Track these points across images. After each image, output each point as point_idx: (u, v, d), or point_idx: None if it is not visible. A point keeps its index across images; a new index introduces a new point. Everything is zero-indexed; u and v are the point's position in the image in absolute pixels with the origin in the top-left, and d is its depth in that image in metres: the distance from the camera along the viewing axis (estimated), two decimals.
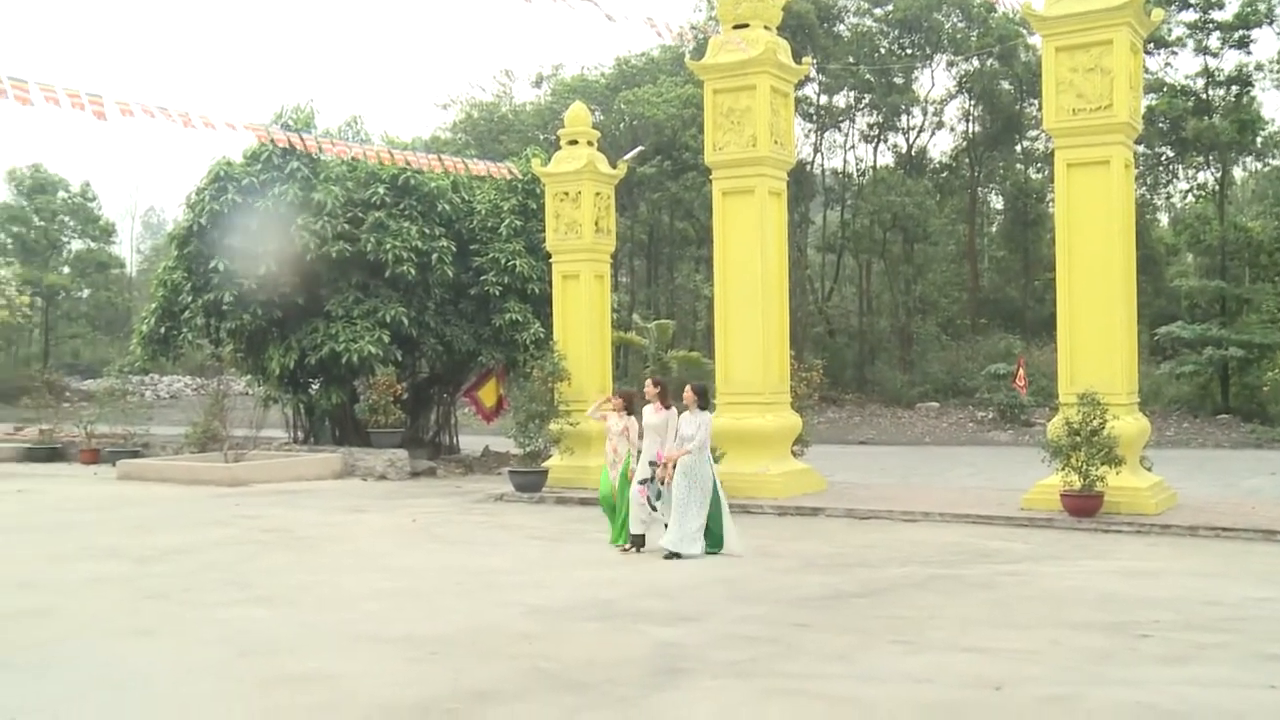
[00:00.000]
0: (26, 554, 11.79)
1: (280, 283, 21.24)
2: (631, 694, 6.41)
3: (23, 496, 17.58)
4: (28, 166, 60.14)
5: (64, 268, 60.69)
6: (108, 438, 24.66)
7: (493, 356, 22.51)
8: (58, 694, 6.54)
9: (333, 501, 16.56)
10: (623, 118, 40.17)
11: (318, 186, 21.43)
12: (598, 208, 18.41)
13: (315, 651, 7.46)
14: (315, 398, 22.71)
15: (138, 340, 24.47)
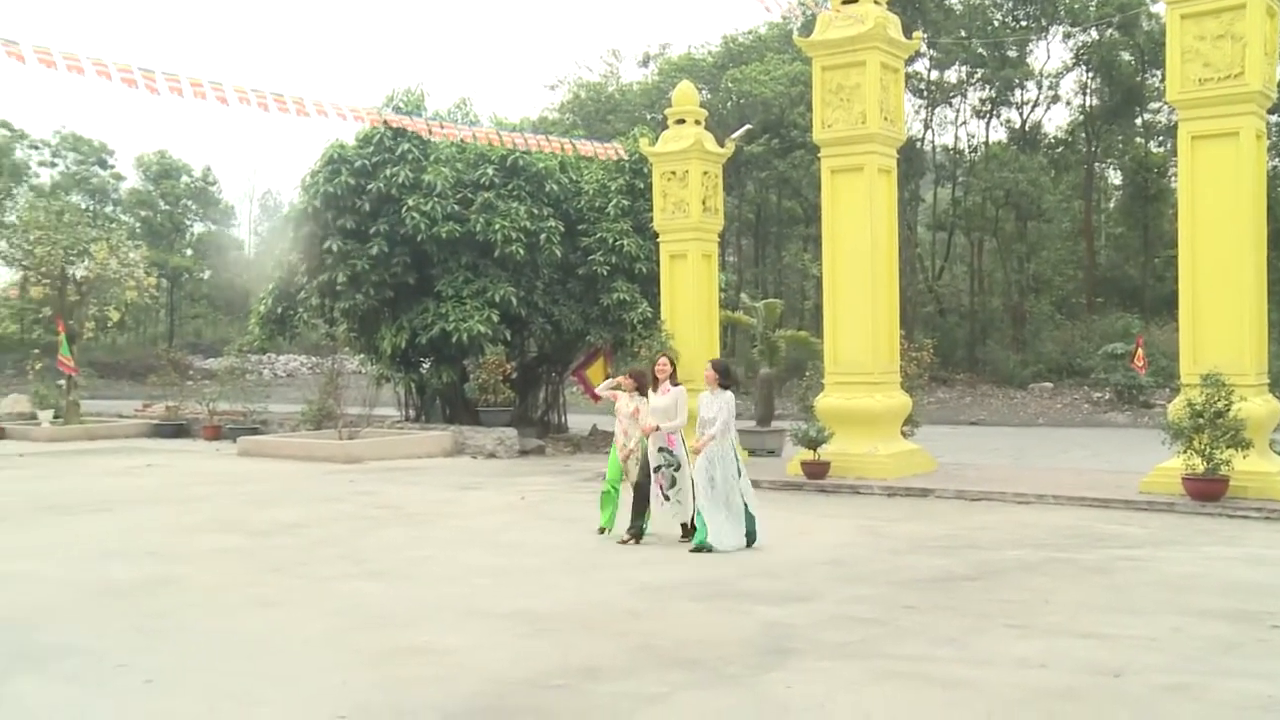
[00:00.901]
0: (157, 525, 12.22)
1: (392, 263, 21.62)
2: (740, 673, 6.40)
3: (151, 471, 18.22)
4: (154, 153, 62.17)
5: (187, 250, 62.61)
6: (228, 414, 25.41)
7: (600, 336, 22.63)
8: (187, 658, 6.78)
9: (443, 479, 16.84)
10: (730, 96, 39.93)
11: (428, 168, 21.74)
12: (705, 187, 18.35)
13: (427, 625, 7.61)
14: (426, 376, 23.09)
15: (256, 320, 25.17)
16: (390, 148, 21.92)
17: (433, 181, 21.32)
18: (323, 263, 22.08)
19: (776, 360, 21.97)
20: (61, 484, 16.37)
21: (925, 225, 46.70)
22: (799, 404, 18.97)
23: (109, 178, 61.78)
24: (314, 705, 5.84)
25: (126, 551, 10.54)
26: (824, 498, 14.18)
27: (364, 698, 5.95)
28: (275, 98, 14.81)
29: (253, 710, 5.77)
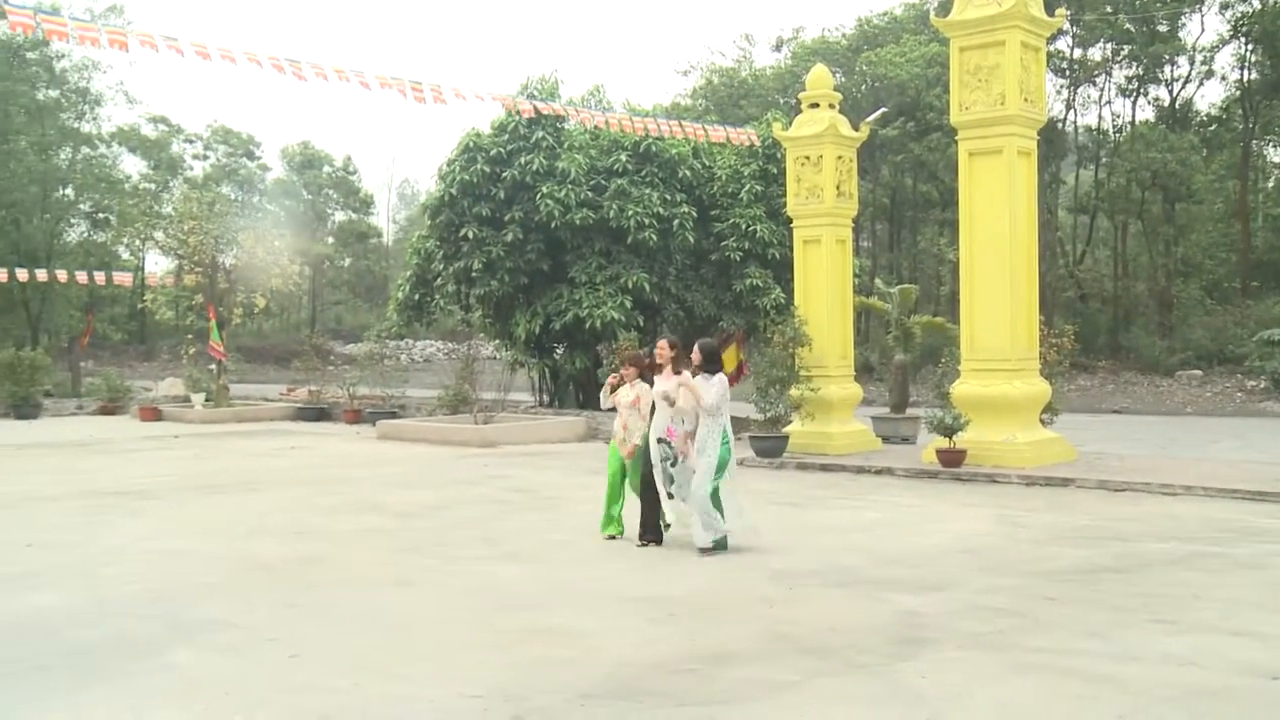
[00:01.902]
0: (301, 505, 12.62)
1: (526, 250, 21.92)
2: (873, 661, 6.34)
3: (295, 453, 18.83)
4: (298, 144, 64.21)
5: (328, 238, 64.47)
6: (368, 399, 26.09)
7: (733, 322, 22.59)
8: (331, 634, 6.99)
9: (576, 463, 17.01)
10: (865, 79, 39.41)
11: (562, 155, 21.96)
12: (839, 171, 18.12)
13: (560, 607, 7.70)
14: (560, 362, 23.36)
15: (394, 306, 25.80)
16: (525, 136, 22.21)
17: (566, 168, 21.53)
18: (459, 250, 22.50)
19: (911, 347, 21.64)
20: (213, 464, 17.03)
21: (1066, 208, 45.39)
22: (934, 391, 18.65)
23: (256, 169, 64.03)
24: (451, 683, 5.96)
25: (273, 530, 10.91)
26: (960, 486, 13.92)
27: (499, 677, 6.05)
28: (413, 85, 15.14)
29: (393, 686, 5.93)
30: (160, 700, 5.71)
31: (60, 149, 34.85)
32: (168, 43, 14.02)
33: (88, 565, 9.19)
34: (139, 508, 12.42)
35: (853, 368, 18.55)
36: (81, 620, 7.34)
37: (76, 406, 29.01)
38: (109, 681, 6.04)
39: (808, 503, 12.78)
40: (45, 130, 33.69)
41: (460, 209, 22.44)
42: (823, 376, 17.38)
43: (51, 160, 33.82)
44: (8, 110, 32.12)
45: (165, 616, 7.41)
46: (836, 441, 17.06)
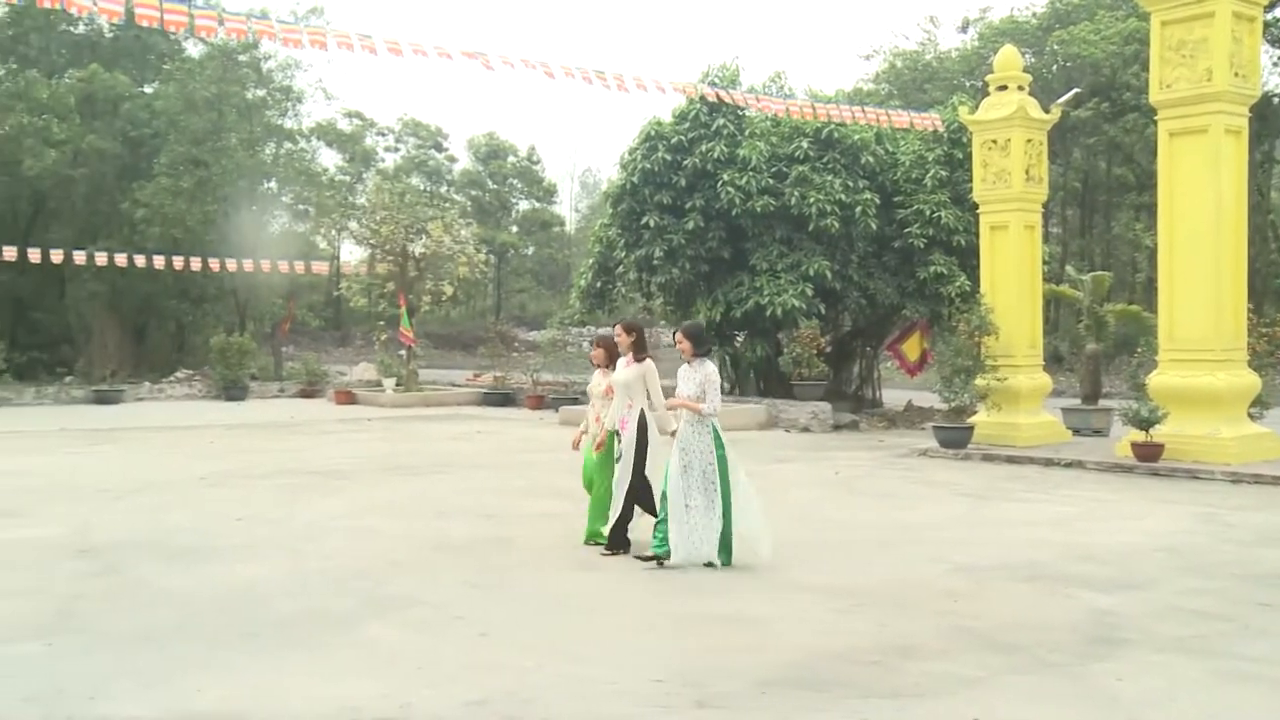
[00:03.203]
0: (487, 488, 12.97)
1: (707, 237, 21.95)
2: (1064, 660, 6.12)
3: (481, 437, 19.34)
4: (483, 135, 65.80)
5: (513, 227, 65.92)
6: (550, 385, 26.60)
7: (916, 310, 22.16)
8: (516, 614, 7.16)
9: (757, 451, 16.95)
10: (1056, 59, 38.03)
11: (743, 143, 21.90)
12: (1028, 155, 17.55)
13: (741, 594, 7.70)
14: (740, 350, 23.32)
15: (576, 294, 26.18)
16: (706, 124, 22.22)
17: (747, 156, 21.46)
18: (640, 238, 22.68)
19: (1104, 336, 20.80)
20: (403, 447, 17.64)
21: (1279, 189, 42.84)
22: (1129, 382, 17.95)
23: (444, 160, 65.90)
24: (632, 667, 6.03)
25: (461, 511, 11.23)
26: (1157, 481, 13.32)
27: (679, 662, 6.09)
28: (597, 74, 15.33)
29: (576, 667, 6.03)
30: (355, 671, 5.95)
31: (265, 144, 36.56)
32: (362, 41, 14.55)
33: (290, 540, 9.65)
34: (336, 486, 12.96)
35: (1041, 357, 17.96)
36: (285, 592, 7.72)
37: (278, 389, 30.48)
38: (310, 651, 6.33)
39: (993, 495, 12.45)
40: (253, 127, 35.39)
41: (642, 197, 22.61)
42: (1010, 366, 16.88)
43: (258, 155, 35.51)
44: (221, 110, 33.87)
45: (360, 591, 7.72)
46: (1024, 433, 16.56)
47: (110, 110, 34.06)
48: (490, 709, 5.36)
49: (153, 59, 38.27)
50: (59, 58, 36.48)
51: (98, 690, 5.57)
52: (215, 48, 34.53)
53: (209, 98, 33.47)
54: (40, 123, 30.09)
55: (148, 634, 6.60)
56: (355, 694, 5.53)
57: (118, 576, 8.17)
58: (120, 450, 17.08)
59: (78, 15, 33.54)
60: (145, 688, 5.62)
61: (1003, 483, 13.37)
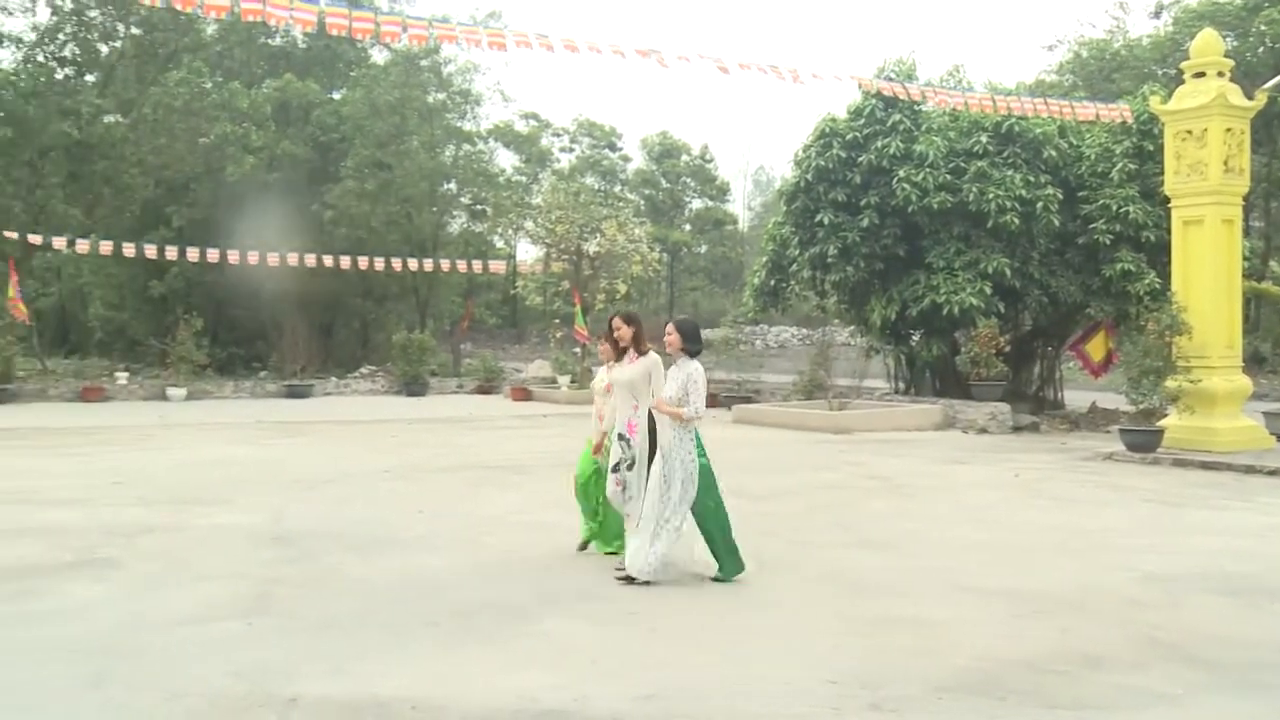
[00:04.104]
0: None
1: (882, 235, 21.62)
2: (1275, 681, 5.80)
3: None
4: (657, 134, 66.21)
5: (685, 225, 66.15)
6: (723, 383, 26.59)
7: (1101, 309, 21.36)
8: (690, 611, 7.18)
9: (933, 452, 16.64)
10: (1262, 41, 35.99)
11: (919, 138, 21.48)
12: (1228, 145, 16.67)
13: (916, 597, 7.56)
14: (916, 349, 22.89)
15: (749, 292, 26.12)
16: (881, 119, 21.89)
17: (924, 152, 21.04)
18: (814, 235, 22.49)
19: None
20: (578, 443, 17.82)
21: None
22: None
23: (618, 159, 66.55)
24: (807, 666, 5.99)
25: None
26: None
27: (855, 664, 6.02)
28: (771, 67, 15.27)
29: (749, 666, 6.02)
30: (531, 663, 6.07)
31: (445, 147, 37.62)
32: (540, 41, 14.83)
33: (470, 533, 9.91)
34: (513, 481, 13.26)
35: (1240, 358, 17.06)
36: (465, 583, 7.93)
37: (457, 385, 31.33)
38: (488, 641, 6.50)
39: (1186, 502, 11.90)
40: (433, 130, 36.47)
41: (816, 195, 22.41)
42: (1204, 367, 16.09)
43: (438, 157, 36.58)
44: (404, 114, 35.04)
45: (537, 585, 7.87)
46: (1221, 437, 15.75)
47: (302, 117, 35.63)
48: (663, 704, 5.40)
49: (341, 67, 39.90)
50: (258, 69, 38.36)
51: (293, 670, 5.84)
52: (399, 54, 35.73)
53: (392, 102, 34.66)
54: (240, 131, 31.66)
55: (336, 619, 6.88)
56: (532, 684, 5.65)
57: (309, 563, 8.54)
58: (310, 442, 17.84)
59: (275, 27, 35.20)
60: (334, 671, 5.86)
61: (1196, 489, 12.77)
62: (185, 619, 6.85)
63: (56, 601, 7.27)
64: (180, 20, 31.04)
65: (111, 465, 14.31)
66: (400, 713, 5.25)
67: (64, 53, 31.22)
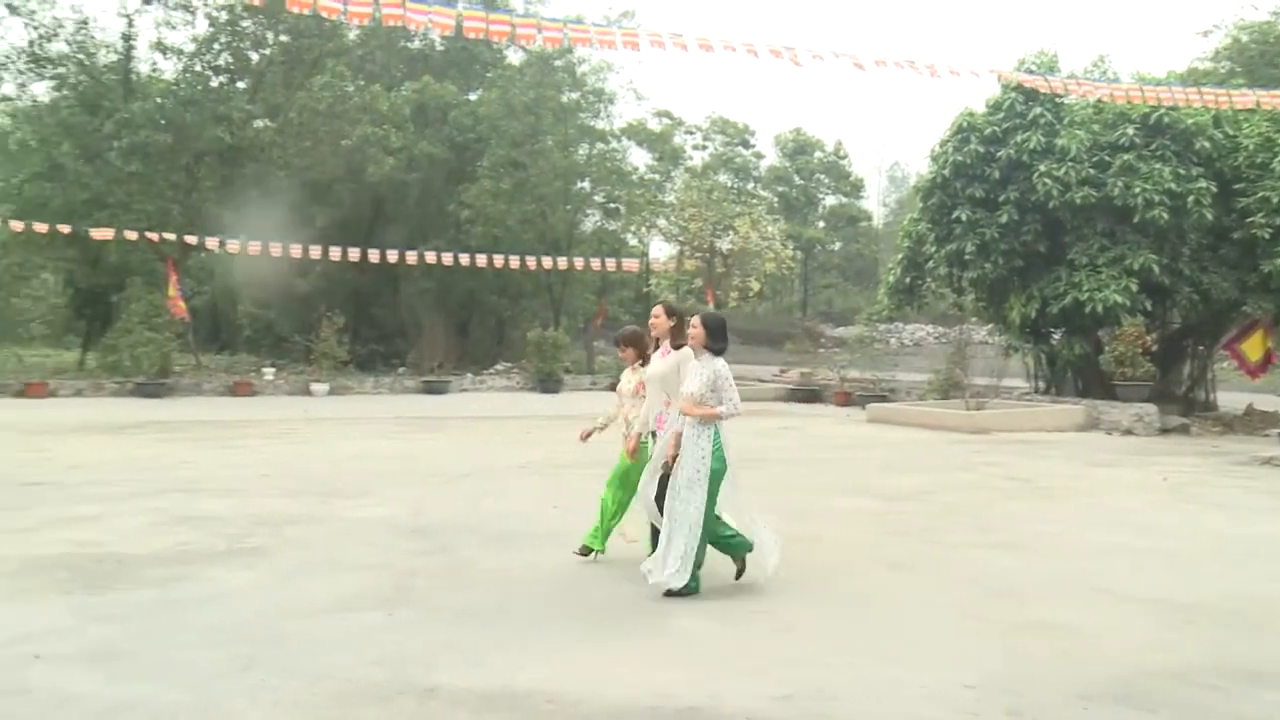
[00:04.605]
0: (794, 484, 12.97)
1: (1022, 231, 21.11)
2: None
3: (787, 433, 19.38)
4: (790, 131, 65.85)
5: (819, 222, 65.64)
6: (857, 382, 26.32)
7: (1259, 306, 20.49)
8: (824, 611, 7.12)
9: (1074, 453, 16.19)
10: None
11: (1061, 132, 20.91)
12: None
13: (1056, 602, 7.36)
14: (1057, 348, 22.29)
15: (884, 290, 25.77)
16: (1021, 113, 21.38)
17: (1066, 145, 20.46)
18: (951, 232, 22.08)
19: None
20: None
21: None
22: None
23: (750, 157, 66.35)
24: (943, 669, 5.89)
25: (769, 507, 11.22)
26: None
27: (992, 669, 5.89)
28: (908, 62, 15.02)
29: (885, 668, 5.94)
30: (666, 659, 6.09)
31: (579, 145, 37.99)
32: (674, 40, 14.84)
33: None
34: None
35: None
36: (598, 578, 7.99)
37: (590, 382, 31.61)
38: (622, 636, 6.54)
39: None
40: (567, 129, 36.84)
41: (952, 190, 21.99)
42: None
43: (572, 156, 36.95)
44: (539, 114, 35.49)
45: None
46: None
47: (439, 118, 36.37)
48: (797, 704, 5.36)
49: (477, 68, 40.62)
50: (397, 72, 39.30)
51: (433, 661, 5.97)
52: (533, 55, 36.21)
53: (527, 102, 35.13)
54: (380, 132, 32.47)
55: (474, 612, 7.00)
56: (666, 681, 5.67)
57: (447, 556, 8.71)
58: (447, 437, 18.20)
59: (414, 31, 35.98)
60: (473, 663, 5.96)
61: None
62: (328, 607, 7.06)
63: (210, 587, 7.56)
64: (325, 27, 31.93)
65: (259, 458, 14.82)
66: (536, 706, 5.32)
67: (218, 62, 32.42)
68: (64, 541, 8.89)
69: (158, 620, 6.72)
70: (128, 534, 9.26)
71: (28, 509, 10.37)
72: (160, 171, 29.59)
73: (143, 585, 7.54)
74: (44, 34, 29.98)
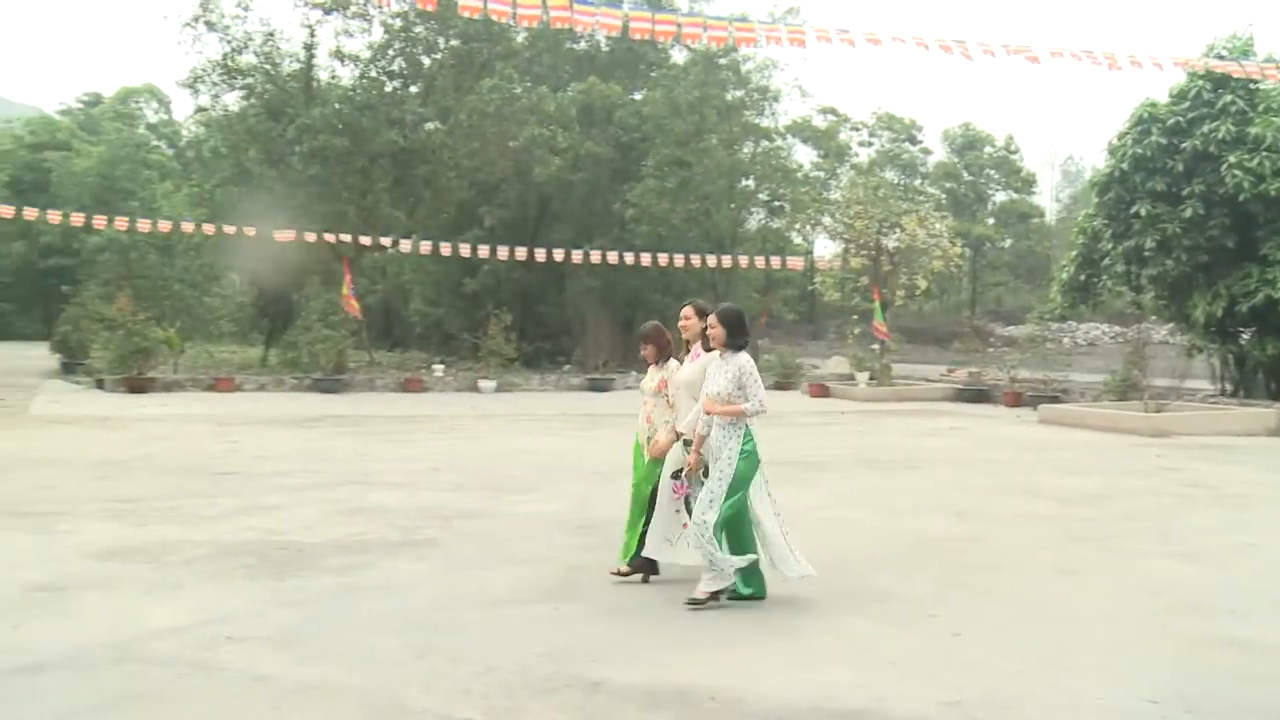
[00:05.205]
0: (960, 485, 12.68)
1: (1208, 226, 20.20)
2: None
3: (954, 434, 18.94)
4: (959, 126, 64.45)
5: (988, 219, 64.03)
6: (1028, 382, 25.54)
7: None
8: (993, 616, 6.94)
9: (1266, 460, 15.40)
10: None
11: (1255, 120, 19.91)
12: None
13: (1251, 617, 7.00)
14: (1247, 348, 21.25)
15: (1057, 288, 24.98)
16: (1209, 101, 20.44)
17: (1261, 134, 19.47)
18: (1129, 228, 21.27)
19: None
20: (875, 440, 17.64)
21: None
22: None
23: (918, 153, 65.18)
24: (1122, 682, 5.67)
25: (934, 508, 11.06)
26: None
27: (1178, 685, 5.63)
28: (1085, 54, 14.50)
29: (1059, 677, 5.75)
30: (829, 660, 6.02)
31: (743, 143, 37.90)
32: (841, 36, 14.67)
33: None
34: (810, 478, 13.19)
35: None
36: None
37: None
38: (785, 636, 6.49)
39: None
40: (732, 127, 36.82)
41: (1131, 184, 21.17)
42: None
43: (736, 154, 36.90)
44: (703, 112, 35.57)
45: (834, 582, 7.79)
46: None
47: (605, 118, 36.78)
48: (965, 711, 5.24)
49: (642, 68, 40.90)
50: (564, 73, 39.92)
51: (597, 654, 6.04)
52: (698, 53, 36.28)
53: (692, 101, 35.22)
54: (547, 133, 33.02)
55: (636, 607, 7.05)
56: (829, 682, 5.61)
57: (611, 552, 8.77)
58: (611, 434, 18.37)
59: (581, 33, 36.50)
60: (635, 658, 6.01)
61: None
62: (497, 599, 7.21)
63: (385, 576, 7.81)
64: (493, 31, 32.62)
65: (429, 452, 15.24)
66: (699, 703, 5.33)
67: (392, 67, 33.46)
68: (251, 529, 9.32)
69: (337, 607, 6.98)
70: (308, 523, 9.65)
71: (219, 498, 10.90)
72: (337, 174, 30.69)
73: (322, 573, 7.84)
74: (235, 47, 31.48)
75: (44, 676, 5.55)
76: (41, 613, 6.69)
